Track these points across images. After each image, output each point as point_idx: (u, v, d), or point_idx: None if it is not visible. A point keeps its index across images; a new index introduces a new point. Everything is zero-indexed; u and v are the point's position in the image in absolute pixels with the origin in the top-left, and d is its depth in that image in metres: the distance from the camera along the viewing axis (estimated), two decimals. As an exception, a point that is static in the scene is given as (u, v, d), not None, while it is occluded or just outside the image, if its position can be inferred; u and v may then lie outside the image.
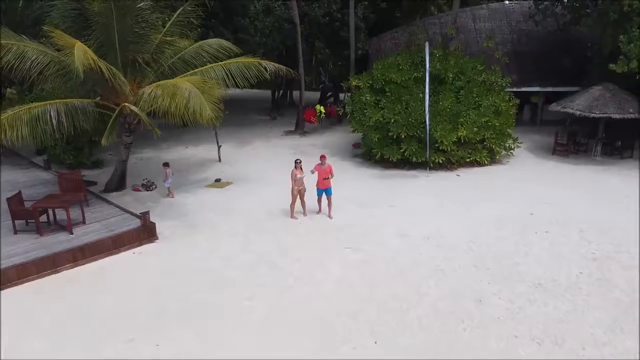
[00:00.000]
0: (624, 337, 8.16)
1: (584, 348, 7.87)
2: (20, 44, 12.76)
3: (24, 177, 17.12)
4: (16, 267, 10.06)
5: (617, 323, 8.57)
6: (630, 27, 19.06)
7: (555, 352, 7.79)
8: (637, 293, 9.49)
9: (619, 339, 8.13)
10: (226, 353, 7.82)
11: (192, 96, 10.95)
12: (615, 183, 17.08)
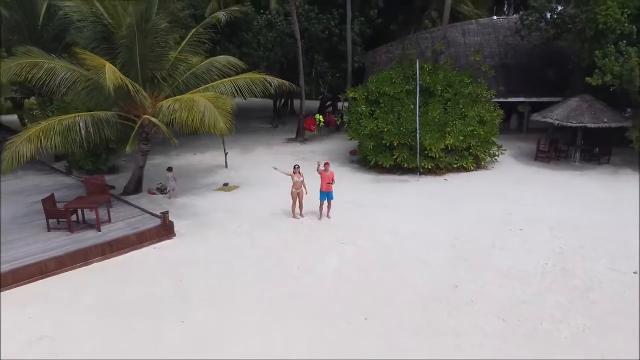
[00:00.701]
0: (578, 316, 9.54)
1: (541, 324, 9.24)
2: (51, 62, 14.22)
3: (48, 181, 18.53)
4: (54, 260, 11.45)
5: (573, 305, 9.96)
6: (606, 43, 20.54)
7: (517, 327, 9.17)
8: (594, 281, 10.91)
9: (573, 317, 9.50)
10: (240, 328, 9.20)
11: (207, 110, 12.39)
12: (590, 187, 18.52)
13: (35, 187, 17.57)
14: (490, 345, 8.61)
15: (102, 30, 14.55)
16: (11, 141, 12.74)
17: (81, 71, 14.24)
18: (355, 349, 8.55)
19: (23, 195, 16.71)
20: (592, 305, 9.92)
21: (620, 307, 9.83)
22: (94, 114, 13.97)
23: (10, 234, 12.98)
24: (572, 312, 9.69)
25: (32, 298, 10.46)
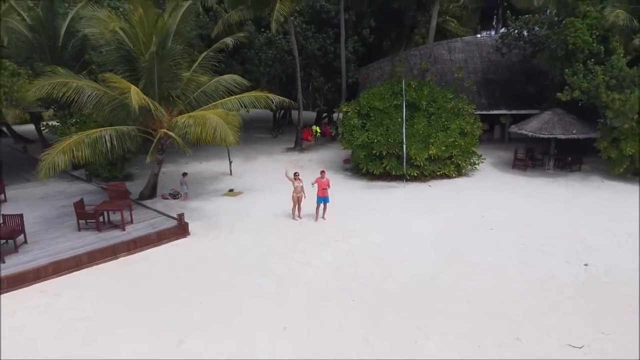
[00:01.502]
0: (530, 299, 11.28)
1: (499, 305, 11.00)
2: (79, 82, 15.98)
3: (71, 188, 20.23)
4: (87, 254, 13.16)
5: (528, 291, 11.72)
6: (575, 62, 22.45)
7: (480, 306, 10.91)
8: (549, 272, 12.68)
9: (526, 301, 11.23)
10: (248, 309, 10.91)
11: (218, 126, 14.14)
12: (560, 192, 20.34)
13: (60, 193, 19.27)
14: (454, 321, 10.35)
15: (124, 54, 16.32)
16: (47, 152, 14.47)
17: (105, 90, 15.98)
18: (344, 322, 10.27)
19: (50, 200, 18.41)
20: (545, 292, 11.68)
21: (568, 293, 11.60)
22: (117, 129, 15.69)
23: (45, 233, 14.69)
24: (525, 297, 11.44)
25: (71, 286, 12.16)
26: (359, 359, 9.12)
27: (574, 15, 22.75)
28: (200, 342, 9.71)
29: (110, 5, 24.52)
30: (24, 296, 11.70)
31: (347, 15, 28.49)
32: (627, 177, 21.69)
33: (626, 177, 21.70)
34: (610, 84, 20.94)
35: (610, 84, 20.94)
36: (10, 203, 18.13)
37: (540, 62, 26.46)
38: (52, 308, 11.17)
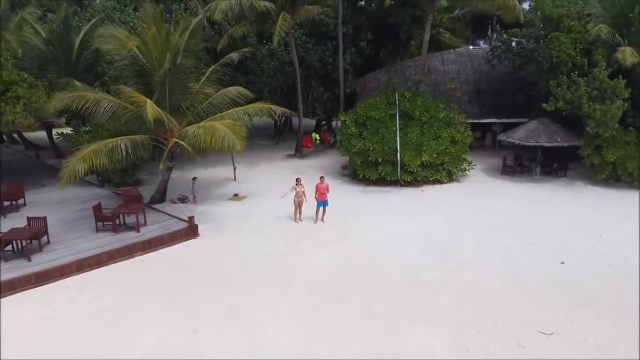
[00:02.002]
0: (508, 293, 12.43)
1: (480, 297, 12.15)
2: (97, 95, 17.19)
3: (85, 192, 21.37)
4: (106, 253, 14.32)
5: (507, 285, 12.86)
6: (559, 74, 23.66)
7: (463, 299, 12.05)
8: (528, 269, 13.84)
9: (504, 294, 12.37)
10: (255, 301, 12.04)
11: (226, 136, 15.33)
12: (545, 196, 21.53)
13: (75, 198, 20.43)
14: (439, 311, 11.50)
15: (138, 69, 17.54)
16: (68, 160, 15.65)
17: (120, 102, 17.18)
18: (340, 312, 11.42)
19: (67, 204, 19.55)
20: (522, 286, 12.82)
21: (544, 287, 12.76)
22: (132, 138, 16.86)
23: (66, 234, 15.85)
24: (505, 291, 12.60)
25: (93, 281, 13.30)
26: (353, 344, 10.27)
27: (558, 29, 24.00)
28: (212, 329, 10.85)
29: (121, 20, 25.83)
30: (52, 290, 12.85)
31: (345, 29, 29.77)
32: (609, 183, 22.90)
33: (608, 182, 22.91)
34: (592, 95, 22.09)
35: (592, 95, 22.09)
36: (29, 207, 19.26)
37: (527, 74, 27.68)
38: (78, 300, 12.32)
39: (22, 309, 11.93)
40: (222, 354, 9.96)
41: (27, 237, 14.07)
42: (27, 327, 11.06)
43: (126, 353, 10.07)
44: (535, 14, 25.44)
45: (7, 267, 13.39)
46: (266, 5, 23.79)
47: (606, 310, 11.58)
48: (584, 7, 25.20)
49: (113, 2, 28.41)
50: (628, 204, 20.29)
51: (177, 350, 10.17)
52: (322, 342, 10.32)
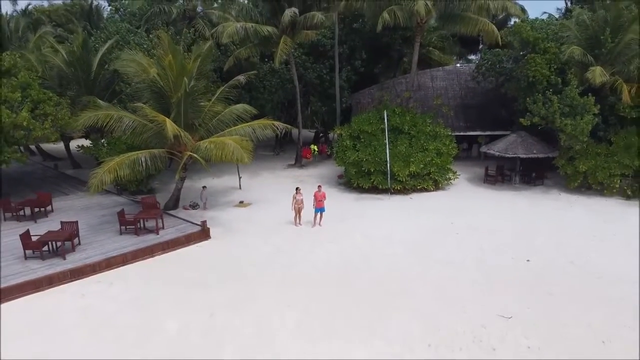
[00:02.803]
0: (478, 285, 14.34)
1: (453, 288, 14.05)
2: (120, 113, 19.16)
3: (105, 200, 23.24)
4: (132, 252, 16.22)
5: (477, 279, 14.77)
6: (535, 92, 25.66)
7: (438, 289, 13.96)
8: (498, 267, 15.76)
9: (474, 286, 14.28)
10: (263, 292, 13.93)
11: (235, 150, 17.29)
12: (522, 203, 23.47)
13: (97, 205, 22.31)
14: (417, 298, 13.41)
15: (156, 90, 19.53)
16: (96, 172, 17.57)
17: (140, 119, 19.14)
18: (333, 300, 13.32)
19: (91, 210, 21.43)
20: (490, 280, 14.74)
21: (509, 281, 14.67)
22: (151, 151, 18.80)
23: (94, 236, 17.75)
24: (475, 283, 14.52)
25: (120, 277, 15.19)
26: (344, 325, 12.16)
27: (535, 51, 26.07)
28: (226, 315, 12.75)
29: (135, 42, 27.87)
30: (86, 284, 14.74)
31: (341, 49, 31.83)
32: (581, 191, 24.85)
33: (580, 190, 24.86)
34: (564, 111, 24.11)
35: (564, 111, 24.11)
36: (56, 213, 21.12)
37: (507, 91, 29.69)
38: (109, 292, 14.20)
39: (62, 300, 13.81)
40: (236, 335, 11.85)
41: (62, 238, 15.97)
42: (69, 315, 12.94)
43: (154, 336, 11.94)
44: (514, 37, 27.53)
45: (46, 265, 15.28)
46: (269, 30, 25.84)
47: (561, 300, 13.50)
48: (560, 29, 27.31)
49: (127, 25, 30.35)
50: (596, 209, 22.26)
51: (197, 332, 12.05)
52: (319, 324, 12.22)
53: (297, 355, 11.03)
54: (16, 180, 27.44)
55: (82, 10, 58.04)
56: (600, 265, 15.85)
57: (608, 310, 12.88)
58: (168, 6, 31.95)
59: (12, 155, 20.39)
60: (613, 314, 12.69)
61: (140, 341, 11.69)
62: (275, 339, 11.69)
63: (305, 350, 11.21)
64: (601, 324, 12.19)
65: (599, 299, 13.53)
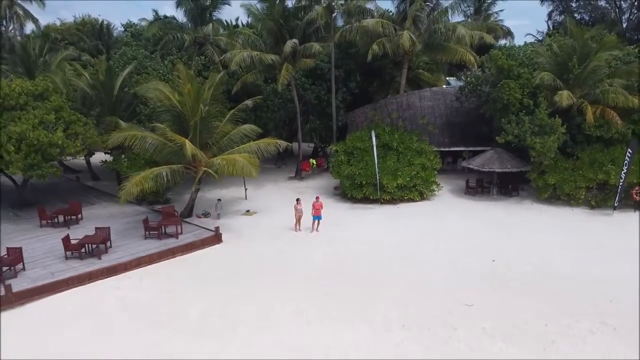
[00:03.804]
0: (448, 281, 16.92)
1: (427, 284, 16.63)
2: (144, 133, 21.84)
3: (128, 209, 25.77)
4: (157, 253, 18.81)
5: (447, 276, 17.36)
6: (509, 113, 28.35)
7: (415, 285, 16.53)
8: (467, 267, 18.34)
9: (445, 282, 16.85)
10: (269, 287, 16.50)
11: (244, 166, 19.96)
12: (497, 212, 26.05)
13: (121, 213, 24.89)
14: (397, 292, 15.99)
15: (175, 114, 22.25)
16: (125, 185, 20.20)
17: (161, 139, 21.79)
18: (327, 293, 15.90)
19: (116, 218, 23.98)
20: (459, 277, 17.32)
21: (474, 277, 17.26)
22: (170, 167, 21.42)
23: (122, 240, 20.33)
24: (446, 280, 17.10)
25: (148, 274, 17.77)
26: (336, 311, 14.73)
27: (509, 77, 28.83)
28: (238, 303, 15.33)
29: (153, 68, 30.65)
30: (119, 280, 17.32)
31: (337, 72, 34.57)
32: (551, 201, 27.44)
33: (550, 201, 27.45)
34: (534, 130, 26.80)
35: (534, 131, 26.80)
36: (86, 221, 23.69)
37: (485, 111, 32.39)
38: (140, 286, 16.79)
39: (102, 291, 16.41)
40: (246, 318, 14.42)
41: (98, 241, 18.58)
42: (110, 303, 15.54)
43: (179, 319, 14.49)
44: (490, 64, 30.35)
45: (85, 264, 17.87)
46: (272, 59, 28.62)
47: (515, 292, 16.09)
48: (535, 55, 30.14)
49: (143, 51, 33.11)
50: (562, 218, 24.85)
51: (214, 316, 14.62)
52: (314, 311, 14.80)
53: (296, 334, 13.59)
54: (44, 191, 30.00)
55: (93, 29, 60.94)
56: (554, 265, 18.43)
57: (553, 300, 15.46)
58: (181, 33, 34.76)
59: (49, 170, 22.96)
60: (556, 303, 15.28)
61: (169, 322, 14.28)
62: (278, 322, 14.28)
63: (302, 331, 13.78)
64: (545, 312, 14.76)
65: (547, 292, 16.12)
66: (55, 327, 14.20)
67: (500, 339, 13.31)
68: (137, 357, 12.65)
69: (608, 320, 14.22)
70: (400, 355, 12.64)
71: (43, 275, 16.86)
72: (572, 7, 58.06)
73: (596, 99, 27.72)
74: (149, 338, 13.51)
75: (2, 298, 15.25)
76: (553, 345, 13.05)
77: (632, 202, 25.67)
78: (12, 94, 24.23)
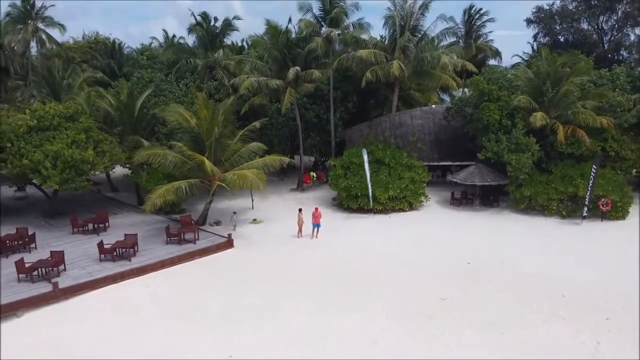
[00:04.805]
0: (428, 279, 19.44)
1: (410, 282, 19.15)
2: (165, 151, 24.48)
3: (147, 218, 28.22)
4: (178, 256, 21.36)
5: (428, 275, 19.89)
6: (490, 133, 30.97)
7: (402, 282, 19.05)
8: (448, 268, 20.86)
9: (428, 280, 19.37)
10: (273, 284, 19.02)
11: (254, 180, 22.59)
12: (478, 221, 28.57)
13: (142, 222, 27.41)
14: (387, 289, 18.52)
15: (193, 135, 24.93)
16: (150, 197, 22.80)
17: (181, 157, 24.40)
18: (326, 290, 18.43)
19: (138, 226, 26.45)
20: (438, 276, 19.85)
21: (452, 276, 19.78)
22: (189, 181, 23.99)
23: (146, 245, 22.83)
24: (427, 278, 19.62)
25: (172, 274, 20.31)
26: (332, 303, 17.26)
27: (490, 100, 31.51)
28: (249, 298, 17.87)
29: (168, 90, 33.39)
30: (147, 279, 19.85)
31: (335, 93, 37.32)
32: (526, 212, 29.92)
33: (526, 211, 29.94)
34: (511, 148, 29.40)
35: (511, 148, 29.40)
36: (112, 229, 26.20)
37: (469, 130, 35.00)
38: (165, 284, 19.33)
39: (133, 288, 18.94)
40: (257, 310, 16.95)
41: (127, 246, 21.14)
42: (141, 298, 18.07)
43: (201, 311, 17.00)
44: (473, 88, 33.08)
45: (117, 265, 20.42)
46: (277, 84, 31.37)
47: (484, 289, 18.62)
48: (515, 79, 32.90)
49: (160, 75, 35.91)
50: (535, 226, 27.34)
51: (230, 308, 17.15)
52: (314, 304, 17.34)
53: (298, 322, 16.11)
54: (70, 202, 32.53)
55: (105, 48, 63.66)
56: (521, 266, 20.93)
57: (515, 296, 17.98)
58: (193, 58, 37.61)
59: (81, 183, 25.57)
60: (518, 298, 17.80)
61: (192, 313, 16.82)
62: (283, 313, 16.84)
63: (303, 320, 16.30)
64: (507, 304, 17.29)
65: (511, 289, 18.63)
66: (96, 317, 16.72)
67: (468, 326, 15.82)
68: (167, 340, 15.14)
69: (560, 312, 16.73)
70: (384, 338, 15.15)
71: (82, 275, 19.41)
72: (556, 29, 60.78)
73: (568, 119, 30.34)
74: (176, 326, 16.03)
75: (50, 294, 17.77)
76: (511, 331, 15.55)
77: (600, 213, 28.17)
78: (46, 116, 26.95)
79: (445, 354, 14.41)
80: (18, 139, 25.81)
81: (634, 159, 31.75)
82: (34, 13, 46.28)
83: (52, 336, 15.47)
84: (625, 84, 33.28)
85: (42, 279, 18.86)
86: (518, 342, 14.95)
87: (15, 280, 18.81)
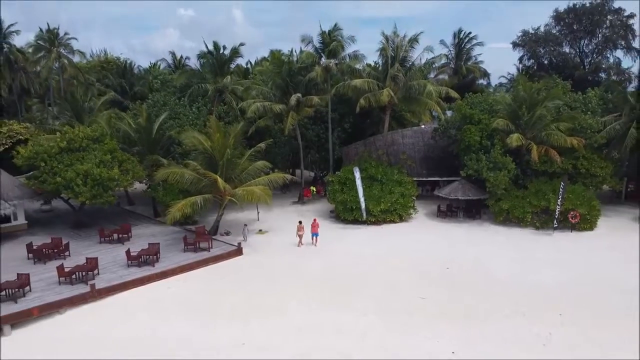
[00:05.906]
0: (412, 281, 22.07)
1: (395, 283, 21.77)
2: (182, 170, 27.26)
3: (164, 229, 30.92)
4: (195, 262, 24.02)
5: (411, 278, 22.51)
6: (471, 152, 33.72)
7: (389, 284, 21.68)
8: (428, 272, 23.51)
9: (410, 282, 21.99)
10: (278, 287, 21.66)
11: (261, 196, 25.33)
12: (461, 232, 31.17)
13: (159, 232, 30.08)
14: (375, 289, 21.14)
15: (207, 156, 27.75)
16: (170, 210, 25.52)
17: (196, 175, 27.16)
18: (324, 290, 21.06)
19: (157, 236, 29.07)
20: (419, 278, 22.47)
21: (431, 279, 22.41)
22: (203, 196, 26.70)
23: (166, 253, 25.44)
24: (412, 281, 22.24)
25: (190, 278, 22.95)
26: (329, 301, 19.89)
27: (471, 123, 34.32)
28: (258, 298, 20.49)
29: (184, 114, 36.26)
30: (168, 282, 22.47)
31: (333, 115, 40.24)
32: (505, 223, 32.51)
33: (505, 223, 32.54)
34: (489, 166, 32.16)
35: (489, 167, 32.16)
36: (134, 238, 28.80)
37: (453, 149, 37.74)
38: (185, 286, 21.96)
39: (157, 290, 21.56)
40: (265, 307, 19.58)
41: (151, 253, 23.81)
42: (164, 298, 20.70)
43: (217, 308, 19.62)
44: (457, 112, 35.98)
45: (142, 270, 23.06)
46: (280, 108, 34.32)
47: (458, 290, 21.22)
48: (495, 104, 35.77)
49: (174, 99, 38.82)
50: (511, 236, 29.95)
51: (242, 306, 19.77)
52: (314, 302, 19.98)
53: (300, 317, 18.75)
54: (93, 214, 35.20)
55: (117, 68, 66.66)
56: (494, 271, 23.55)
57: (484, 295, 20.60)
58: (204, 83, 40.56)
59: (109, 198, 28.31)
60: (486, 297, 20.41)
61: (209, 310, 19.46)
62: (287, 310, 19.46)
63: (304, 315, 18.93)
64: (476, 302, 19.91)
65: (482, 289, 21.25)
66: (129, 313, 19.34)
67: (442, 320, 18.44)
68: (188, 330, 17.76)
69: (520, 309, 19.35)
70: (371, 330, 17.77)
71: (114, 278, 22.04)
72: (539, 52, 63.88)
73: (542, 140, 33.04)
74: (195, 320, 18.65)
75: (89, 293, 20.41)
76: (479, 324, 18.17)
77: (570, 224, 30.81)
78: (76, 138, 29.77)
79: (424, 343, 17.00)
80: (51, 159, 28.56)
81: (603, 176, 34.34)
82: (57, 41, 49.47)
83: (90, 329, 18.08)
84: (597, 107, 36.14)
85: (79, 282, 21.47)
86: (484, 333, 17.55)
87: (56, 283, 21.42)
